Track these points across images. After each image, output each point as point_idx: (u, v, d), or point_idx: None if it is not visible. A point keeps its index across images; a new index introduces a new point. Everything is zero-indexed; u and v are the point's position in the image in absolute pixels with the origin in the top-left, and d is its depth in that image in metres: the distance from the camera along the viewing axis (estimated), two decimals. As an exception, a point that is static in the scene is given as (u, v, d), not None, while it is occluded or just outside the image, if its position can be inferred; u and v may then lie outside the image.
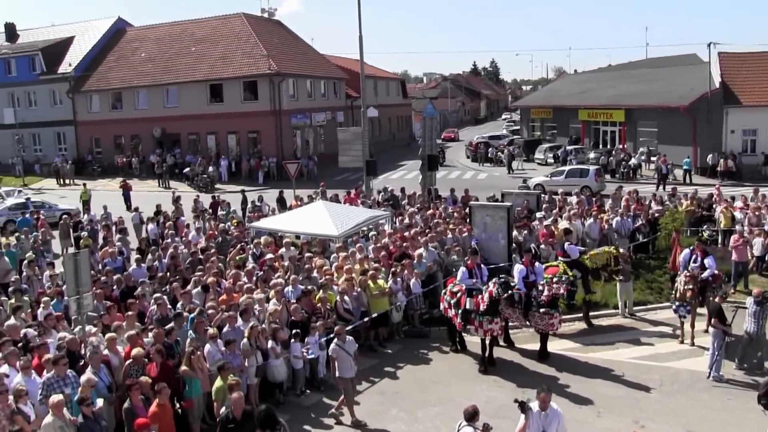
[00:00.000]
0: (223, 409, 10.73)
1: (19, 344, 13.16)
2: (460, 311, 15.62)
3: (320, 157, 53.01)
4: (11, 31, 67.51)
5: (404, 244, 20.01)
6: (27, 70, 61.64)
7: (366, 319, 16.52)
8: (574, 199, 26.40)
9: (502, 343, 16.52)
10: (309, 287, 16.19)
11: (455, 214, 24.25)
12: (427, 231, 21.27)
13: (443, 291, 16.69)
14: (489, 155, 56.26)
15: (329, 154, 50.04)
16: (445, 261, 19.45)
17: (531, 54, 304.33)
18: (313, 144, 56.21)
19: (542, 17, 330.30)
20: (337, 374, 13.18)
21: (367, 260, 18.46)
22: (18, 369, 11.88)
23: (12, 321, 14.33)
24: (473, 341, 16.19)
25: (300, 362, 14.26)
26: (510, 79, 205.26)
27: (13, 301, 16.11)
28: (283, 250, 20.08)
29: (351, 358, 13.11)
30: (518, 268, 15.96)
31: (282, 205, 29.32)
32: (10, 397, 10.76)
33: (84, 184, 40.78)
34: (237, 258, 19.67)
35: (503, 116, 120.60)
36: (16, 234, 24.85)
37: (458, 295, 15.80)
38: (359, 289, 16.72)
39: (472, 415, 9.66)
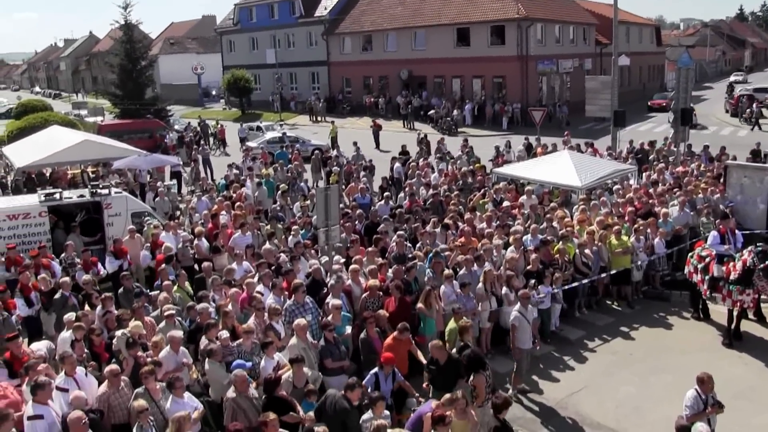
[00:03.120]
0: (453, 351, 10.85)
1: (272, 267, 14.21)
2: (707, 277, 14.59)
3: (565, 105, 51.55)
4: (276, -22, 72.19)
5: (650, 201, 19.06)
6: (287, 13, 65.90)
7: (604, 275, 16.05)
8: None
9: (751, 316, 15.09)
10: (548, 237, 15.90)
11: (708, 173, 22.69)
12: (675, 189, 20.12)
13: (690, 254, 15.61)
14: (752, 111, 49.51)
15: (574, 102, 48.61)
16: (693, 222, 18.31)
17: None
18: (559, 91, 54.77)
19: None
20: (515, 344, 12.35)
21: (610, 215, 17.83)
22: (270, 289, 12.87)
23: (267, 246, 15.50)
24: (718, 311, 15.07)
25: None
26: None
27: (268, 227, 17.40)
28: (524, 197, 19.86)
29: (531, 328, 12.47)
30: (779, 237, 14.59)
31: (528, 151, 28.94)
32: (266, 314, 11.71)
33: (332, 122, 42.87)
34: (480, 203, 19.79)
35: (732, 78, 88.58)
36: (274, 165, 26.65)
37: (707, 260, 14.69)
38: (600, 244, 16.18)
39: (702, 380, 9.23)
